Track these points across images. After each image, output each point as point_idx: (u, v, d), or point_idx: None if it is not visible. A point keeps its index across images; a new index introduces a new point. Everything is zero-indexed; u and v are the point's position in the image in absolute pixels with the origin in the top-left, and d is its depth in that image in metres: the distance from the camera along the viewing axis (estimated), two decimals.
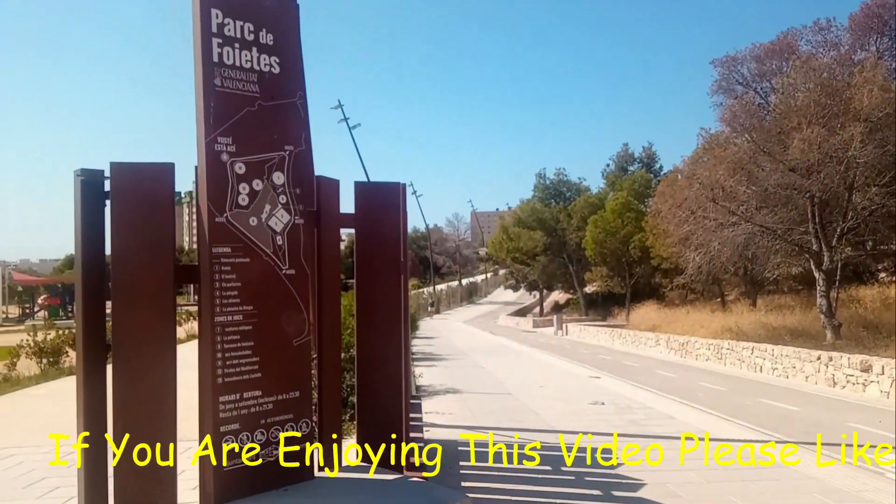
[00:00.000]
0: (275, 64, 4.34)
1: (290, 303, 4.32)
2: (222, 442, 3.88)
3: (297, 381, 4.29)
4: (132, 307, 4.04)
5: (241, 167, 4.16)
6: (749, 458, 7.44)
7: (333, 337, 5.02)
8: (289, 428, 4.19)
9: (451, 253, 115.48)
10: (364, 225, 5.26)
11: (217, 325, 3.99)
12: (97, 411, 4.20)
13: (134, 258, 4.07)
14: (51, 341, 18.00)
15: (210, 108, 4.04)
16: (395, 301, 5.35)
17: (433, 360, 21.20)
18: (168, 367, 4.07)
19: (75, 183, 4.29)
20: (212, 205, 4.04)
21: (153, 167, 4.17)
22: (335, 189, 5.15)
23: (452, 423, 9.49)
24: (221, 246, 4.06)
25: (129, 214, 4.09)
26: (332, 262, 5.03)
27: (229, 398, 3.96)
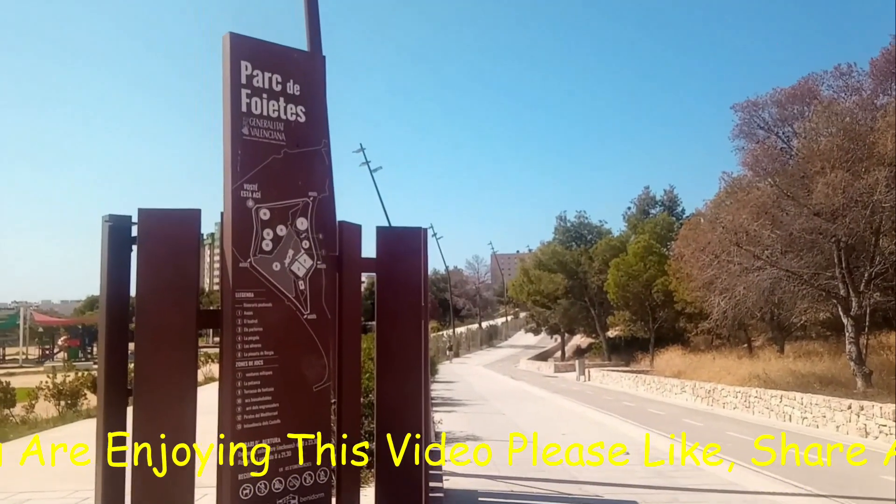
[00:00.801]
0: (301, 113, 4.42)
1: (311, 348, 4.31)
2: (240, 490, 3.83)
3: (316, 429, 4.25)
4: (155, 350, 4.05)
5: (266, 213, 4.21)
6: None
7: (353, 382, 4.98)
8: (307, 477, 4.13)
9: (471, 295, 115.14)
10: (385, 270, 5.27)
11: (238, 371, 3.99)
12: (115, 454, 4.18)
13: (158, 302, 4.10)
14: (70, 383, 18.07)
15: (237, 156, 4.11)
16: (416, 347, 5.31)
17: (453, 405, 20.94)
18: (189, 410, 4.06)
19: (103, 228, 4.37)
20: (236, 250, 4.08)
21: (180, 213, 4.23)
22: (357, 234, 5.18)
23: (473, 472, 9.30)
24: (245, 291, 4.08)
25: (154, 259, 4.14)
26: (353, 307, 5.03)
27: (248, 445, 3.92)
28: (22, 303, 65.78)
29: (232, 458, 3.85)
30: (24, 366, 42.72)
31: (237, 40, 4.19)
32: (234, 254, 4.08)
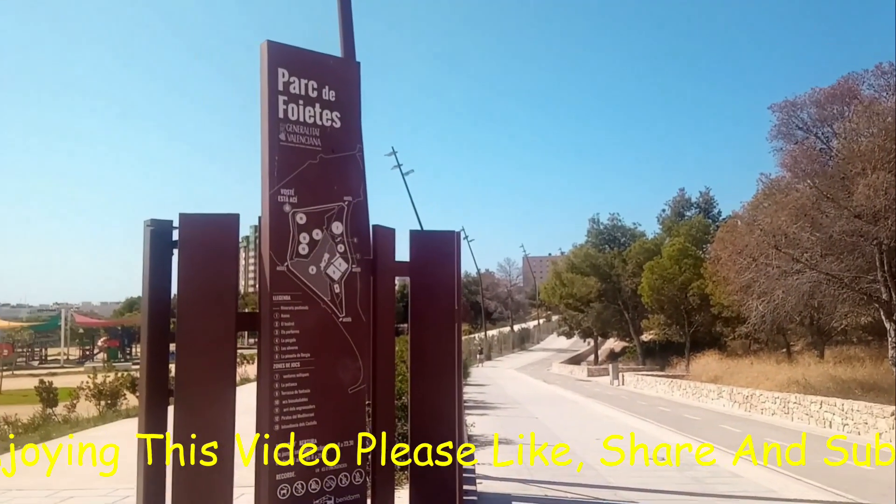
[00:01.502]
0: (336, 119, 4.48)
1: (347, 350, 4.36)
2: (278, 491, 3.89)
3: (352, 431, 4.30)
4: (195, 352, 4.14)
5: (303, 217, 4.28)
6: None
7: (387, 385, 5.02)
8: (343, 478, 4.18)
9: (502, 298, 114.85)
10: (419, 273, 5.31)
11: (275, 372, 4.05)
12: (156, 455, 4.28)
13: (199, 305, 4.19)
14: (110, 384, 18.51)
15: (274, 161, 4.19)
16: (449, 350, 5.34)
17: (485, 408, 20.91)
18: (227, 411, 4.14)
19: (145, 232, 4.48)
20: (273, 254, 4.15)
21: (219, 218, 4.32)
22: (391, 238, 5.23)
23: (506, 476, 9.28)
24: (282, 294, 4.15)
25: (195, 263, 4.23)
26: (387, 311, 5.07)
27: (285, 446, 3.99)
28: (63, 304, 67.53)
29: (269, 458, 3.91)
30: (65, 366, 43.82)
31: (274, 48, 4.27)
32: (272, 257, 4.15)
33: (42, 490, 8.12)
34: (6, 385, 27.34)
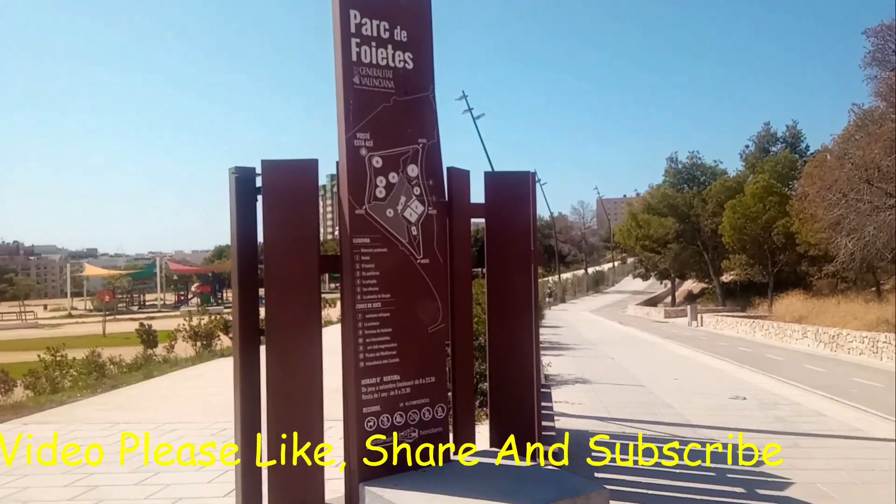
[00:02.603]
0: (409, 60, 4.47)
1: (425, 291, 4.45)
2: (365, 423, 4.08)
3: (433, 368, 4.42)
4: (282, 295, 4.33)
5: (378, 161, 4.33)
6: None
7: (465, 325, 5.11)
8: (426, 412, 4.33)
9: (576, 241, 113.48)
10: (494, 215, 5.31)
11: (358, 312, 4.19)
12: (252, 390, 4.55)
13: (283, 249, 4.36)
14: (204, 326, 19.64)
15: (349, 106, 4.23)
16: (527, 290, 5.36)
17: (560, 349, 21.01)
18: (315, 349, 4.34)
19: (230, 180, 4.65)
20: (352, 197, 4.24)
21: (299, 164, 4.44)
22: (466, 180, 5.23)
23: (583, 414, 9.38)
24: (361, 237, 4.25)
25: (278, 208, 4.38)
26: (463, 252, 5.13)
27: (370, 381, 4.16)
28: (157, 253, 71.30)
29: (356, 392, 4.09)
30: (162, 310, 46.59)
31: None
32: (350, 201, 4.25)
33: (148, 423, 8.78)
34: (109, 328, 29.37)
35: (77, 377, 13.53)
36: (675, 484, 5.93)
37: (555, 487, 3.75)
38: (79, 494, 5.79)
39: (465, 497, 3.60)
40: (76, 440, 7.96)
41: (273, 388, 4.25)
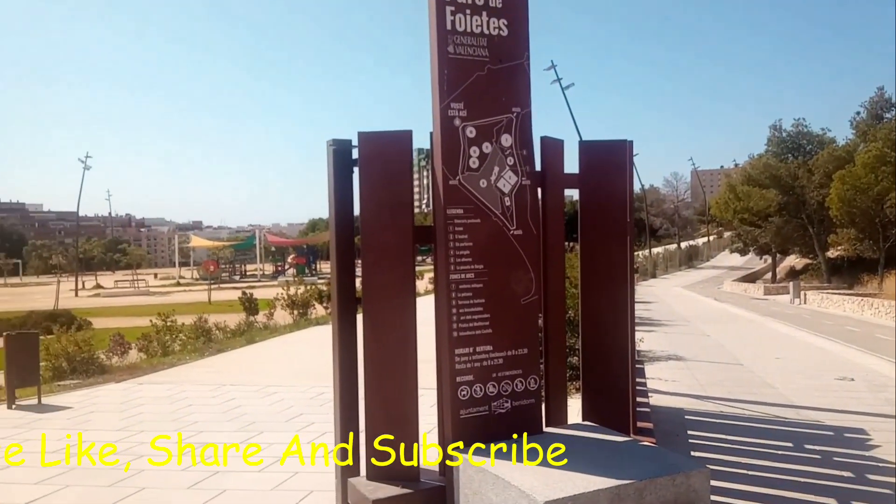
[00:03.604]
0: (503, 27, 4.39)
1: (518, 263, 4.42)
2: (458, 392, 4.13)
3: (525, 339, 4.40)
4: (378, 264, 4.42)
5: (472, 131, 4.30)
6: None
7: (558, 298, 5.05)
8: (518, 383, 4.33)
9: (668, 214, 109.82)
10: (589, 185, 5.19)
11: (452, 283, 4.22)
12: (350, 356, 4.69)
13: (379, 220, 4.43)
14: (301, 295, 20.41)
15: (444, 75, 4.21)
16: (621, 263, 5.24)
17: (652, 325, 20.49)
18: (409, 317, 4.41)
19: (328, 152, 4.75)
20: (446, 168, 4.24)
21: (394, 135, 4.48)
22: (559, 149, 5.13)
23: (677, 391, 9.14)
24: (455, 207, 4.25)
25: (373, 179, 4.45)
26: (556, 224, 5.04)
27: (463, 351, 4.19)
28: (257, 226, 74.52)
29: (449, 362, 4.14)
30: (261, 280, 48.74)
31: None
32: (444, 171, 4.25)
33: (251, 386, 9.26)
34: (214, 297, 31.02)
35: (186, 341, 14.41)
36: (777, 465, 5.70)
37: (653, 464, 3.67)
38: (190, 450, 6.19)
39: (560, 469, 3.59)
40: (186, 399, 8.50)
41: (369, 353, 4.36)
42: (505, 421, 4.24)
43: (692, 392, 9.16)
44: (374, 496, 4.06)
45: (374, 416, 4.34)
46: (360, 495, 4.20)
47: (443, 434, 4.26)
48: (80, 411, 8.00)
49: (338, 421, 4.70)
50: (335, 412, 4.74)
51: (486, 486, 3.65)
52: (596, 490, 3.34)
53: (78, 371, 10.73)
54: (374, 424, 4.33)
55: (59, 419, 7.62)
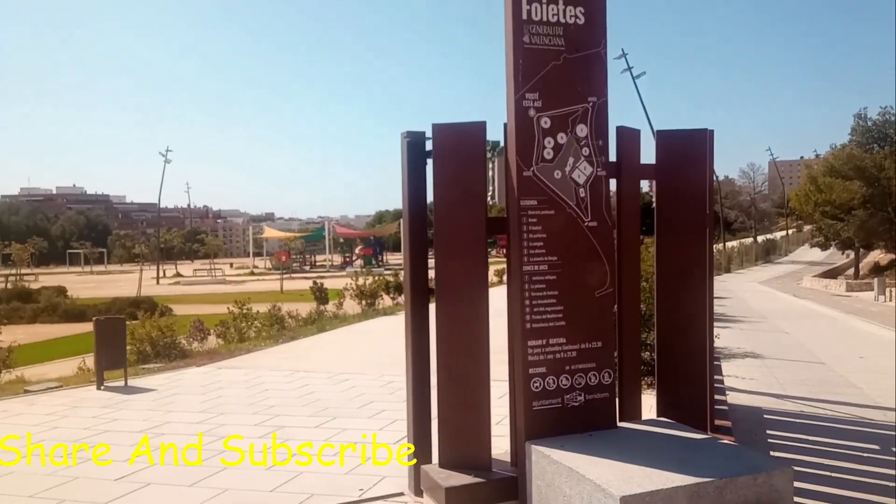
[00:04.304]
0: (580, 15, 4.32)
1: (593, 255, 4.36)
2: (531, 383, 4.12)
3: (600, 332, 4.34)
4: (451, 254, 4.45)
5: (547, 121, 4.26)
6: None
7: (632, 291, 4.97)
8: (592, 377, 4.28)
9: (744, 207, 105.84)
10: (666, 176, 5.08)
11: (525, 274, 4.20)
12: (422, 345, 4.76)
13: (452, 210, 4.46)
14: (369, 286, 20.75)
15: (519, 65, 4.19)
16: (700, 257, 5.10)
17: (727, 321, 19.83)
18: (481, 307, 4.43)
19: (402, 144, 4.81)
20: (520, 159, 4.22)
21: (468, 126, 4.49)
22: (636, 139, 5.04)
23: (755, 390, 8.83)
24: (528, 199, 4.23)
25: (447, 170, 4.48)
26: (631, 215, 4.96)
27: (536, 343, 4.17)
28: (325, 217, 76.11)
29: (522, 353, 4.13)
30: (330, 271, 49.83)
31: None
32: (518, 162, 4.23)
33: (323, 373, 9.49)
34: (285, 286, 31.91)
35: (260, 328, 14.89)
36: (862, 468, 5.44)
37: (733, 462, 3.57)
38: (267, 433, 6.40)
39: (635, 464, 3.53)
40: (263, 384, 8.79)
41: (442, 343, 4.40)
42: (578, 414, 4.20)
43: (771, 391, 8.84)
44: (447, 483, 4.11)
45: (447, 405, 4.38)
46: (433, 482, 4.26)
47: (515, 425, 4.27)
48: (163, 393, 8.39)
49: (410, 409, 4.77)
50: (408, 400, 4.82)
51: (560, 479, 3.63)
52: (674, 487, 3.28)
53: (161, 355, 11.24)
54: (447, 413, 4.38)
55: (144, 400, 8.02)
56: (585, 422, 4.21)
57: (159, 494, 4.90)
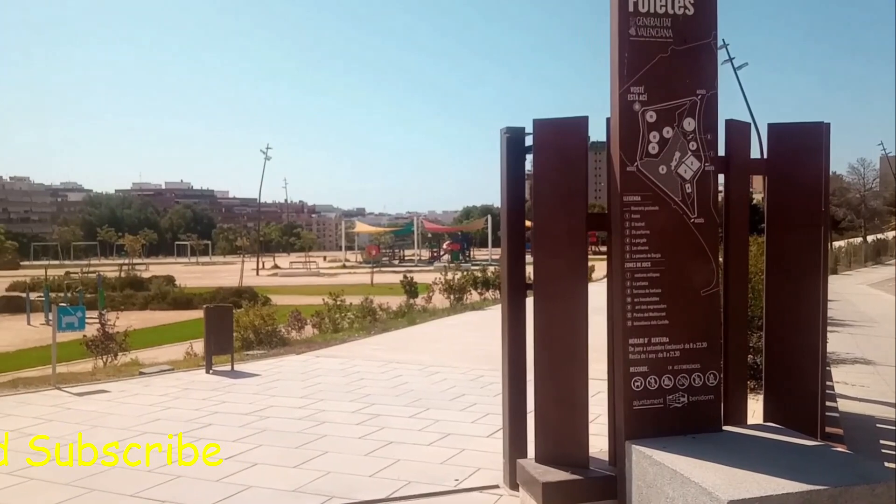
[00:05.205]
0: (689, 5, 4.20)
1: (698, 252, 4.24)
2: (632, 382, 4.05)
3: (705, 332, 4.22)
4: (551, 250, 4.44)
5: (652, 115, 4.18)
6: None
7: (740, 290, 4.79)
8: (696, 378, 4.17)
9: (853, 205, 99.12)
10: (778, 171, 4.86)
11: (627, 271, 4.14)
12: (518, 341, 4.77)
13: (552, 206, 4.44)
14: (458, 281, 20.91)
15: (624, 59, 4.12)
16: (813, 256, 4.86)
17: (835, 325, 18.67)
18: (581, 304, 4.40)
19: (501, 140, 4.84)
20: (623, 154, 4.16)
21: (569, 121, 4.46)
22: (746, 133, 4.85)
23: (867, 397, 8.31)
24: (631, 195, 4.16)
25: (548, 166, 4.46)
26: (740, 212, 4.78)
27: (638, 341, 4.10)
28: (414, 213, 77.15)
29: (623, 352, 4.07)
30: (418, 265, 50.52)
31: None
32: (622, 158, 4.16)
33: (415, 364, 9.67)
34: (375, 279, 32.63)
35: (353, 320, 15.31)
36: None
37: (848, 471, 3.40)
38: (364, 420, 6.61)
39: (743, 468, 3.42)
40: (358, 373, 9.06)
41: (540, 339, 4.40)
42: (680, 415, 4.10)
43: (885, 399, 8.29)
44: (545, 479, 4.11)
45: (545, 401, 4.38)
46: (530, 476, 4.28)
47: (614, 424, 4.22)
48: (267, 378, 8.80)
49: (506, 402, 4.80)
50: (503, 393, 4.85)
51: (663, 481, 3.57)
52: (785, 493, 3.16)
53: (263, 342, 11.78)
54: (545, 409, 4.38)
55: (249, 385, 8.44)
56: (688, 424, 4.10)
57: (266, 474, 5.16)
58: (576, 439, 4.37)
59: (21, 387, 8.63)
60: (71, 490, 4.84)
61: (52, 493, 4.80)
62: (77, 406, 7.42)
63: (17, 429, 6.45)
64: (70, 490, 4.84)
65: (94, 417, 6.87)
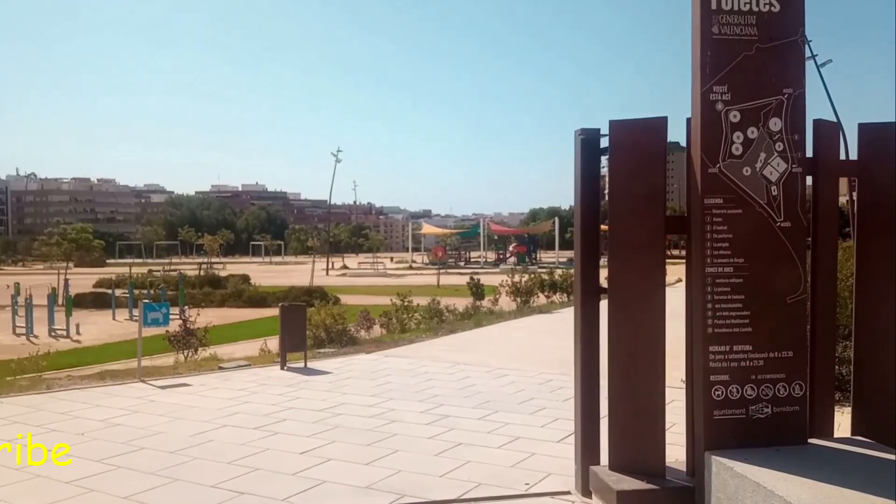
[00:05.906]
0: (774, 2, 4.05)
1: (784, 257, 4.08)
2: (712, 391, 3.93)
3: (791, 341, 4.05)
4: (627, 254, 4.36)
5: (736, 115, 4.05)
6: None
7: (828, 298, 4.57)
8: (780, 388, 4.01)
9: None
10: (871, 173, 4.61)
11: (707, 276, 4.02)
12: (592, 346, 4.70)
13: (628, 208, 4.37)
14: (525, 283, 20.79)
15: (706, 58, 4.01)
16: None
17: None
18: (658, 310, 4.30)
19: (575, 141, 4.78)
20: (705, 155, 4.04)
21: (647, 122, 4.37)
22: (835, 133, 4.64)
23: None
24: (713, 197, 4.04)
25: (624, 167, 4.39)
26: (829, 216, 4.57)
27: (719, 349, 3.98)
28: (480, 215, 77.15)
29: (703, 359, 3.95)
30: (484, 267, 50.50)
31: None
32: (703, 159, 4.05)
33: (482, 366, 9.66)
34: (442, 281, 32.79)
35: (420, 320, 15.44)
36: None
37: None
38: (434, 421, 6.65)
39: (829, 483, 3.27)
40: (427, 373, 9.13)
41: (615, 344, 4.32)
42: (763, 427, 3.95)
43: None
44: (619, 487, 4.04)
45: (619, 408, 4.31)
46: (603, 484, 4.21)
47: (692, 434, 4.10)
48: (338, 376, 8.98)
49: (578, 408, 4.74)
50: (575, 399, 4.79)
51: (744, 493, 3.44)
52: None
53: (334, 341, 12.03)
54: (619, 416, 4.30)
55: (322, 382, 8.64)
56: (771, 435, 3.95)
57: (340, 470, 5.26)
58: (652, 448, 4.27)
59: (108, 379, 9.09)
60: (155, 479, 5.06)
61: (135, 480, 5.04)
62: (160, 398, 7.77)
63: (104, 419, 6.80)
64: (154, 479, 5.07)
65: (176, 410, 7.18)
